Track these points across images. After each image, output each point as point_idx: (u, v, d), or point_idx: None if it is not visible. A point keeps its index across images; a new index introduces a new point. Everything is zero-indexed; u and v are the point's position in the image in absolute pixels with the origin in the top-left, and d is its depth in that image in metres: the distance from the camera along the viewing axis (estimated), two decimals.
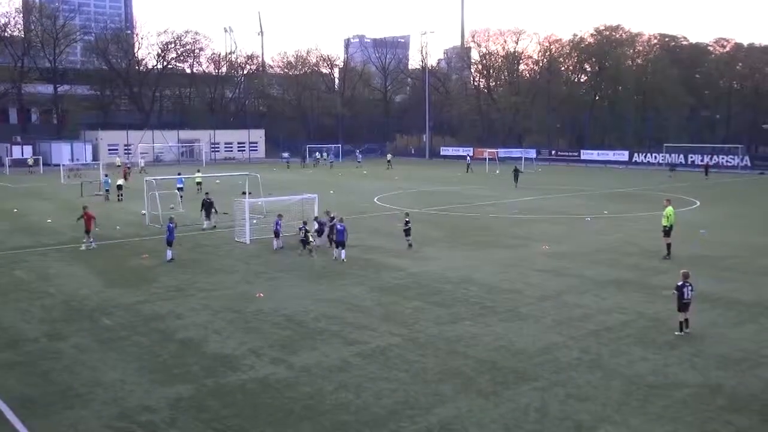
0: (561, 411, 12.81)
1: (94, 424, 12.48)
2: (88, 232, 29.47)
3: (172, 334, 17.66)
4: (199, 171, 58.25)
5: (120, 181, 49.96)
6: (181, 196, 44.67)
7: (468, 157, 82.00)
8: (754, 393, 13.61)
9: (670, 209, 27.49)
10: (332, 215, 28.99)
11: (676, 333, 17.23)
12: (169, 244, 26.93)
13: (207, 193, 36.26)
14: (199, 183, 55.51)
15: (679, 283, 17.35)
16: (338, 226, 26.61)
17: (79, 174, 63.55)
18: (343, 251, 26.31)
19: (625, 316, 18.86)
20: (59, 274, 24.95)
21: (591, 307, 19.80)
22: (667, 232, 27.22)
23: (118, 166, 78.23)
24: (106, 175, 52.49)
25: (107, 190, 49.36)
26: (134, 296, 21.53)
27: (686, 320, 17.35)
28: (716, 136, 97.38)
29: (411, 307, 20.02)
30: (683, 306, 17.26)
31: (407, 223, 29.44)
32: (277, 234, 28.95)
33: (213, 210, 34.61)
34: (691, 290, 17.32)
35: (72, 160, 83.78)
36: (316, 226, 29.12)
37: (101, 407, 13.18)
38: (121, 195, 47.97)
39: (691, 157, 79.88)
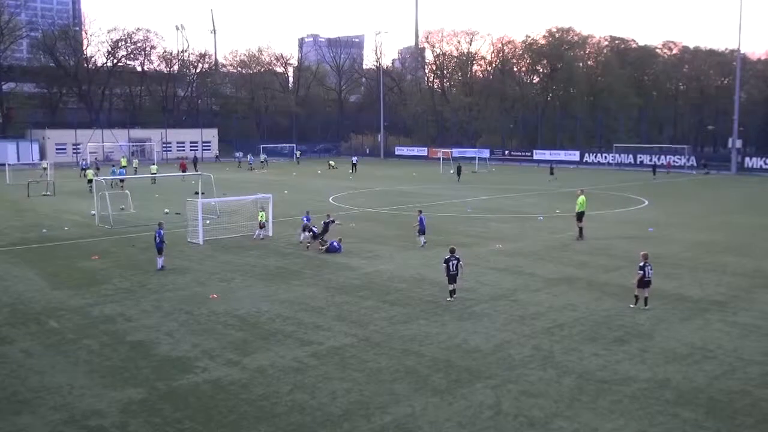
0: (514, 408, 12.96)
1: (42, 430, 12.18)
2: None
3: (123, 337, 17.34)
4: (155, 165, 58.83)
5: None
6: (122, 186, 45.65)
7: (354, 158, 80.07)
8: (700, 387, 13.97)
9: (582, 198, 31.30)
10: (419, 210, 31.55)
11: (632, 305, 19.65)
12: (160, 251, 25.29)
13: None
14: (153, 174, 56.99)
15: (641, 263, 19.62)
16: (420, 217, 29.89)
17: (96, 166, 65.95)
18: (423, 237, 29.51)
19: (577, 313, 19.19)
20: (5, 276, 24.28)
21: (543, 305, 20.09)
22: (579, 217, 31.17)
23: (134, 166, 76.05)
24: (114, 165, 53.43)
25: (122, 180, 49.89)
26: (83, 298, 21.07)
27: (645, 298, 19.60)
28: (664, 136, 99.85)
29: (365, 306, 20.03)
30: (645, 283, 19.56)
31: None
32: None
33: None
34: (651, 270, 19.58)
35: (18, 159, 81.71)
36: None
37: (49, 412, 12.87)
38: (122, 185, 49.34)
39: (640, 157, 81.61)
